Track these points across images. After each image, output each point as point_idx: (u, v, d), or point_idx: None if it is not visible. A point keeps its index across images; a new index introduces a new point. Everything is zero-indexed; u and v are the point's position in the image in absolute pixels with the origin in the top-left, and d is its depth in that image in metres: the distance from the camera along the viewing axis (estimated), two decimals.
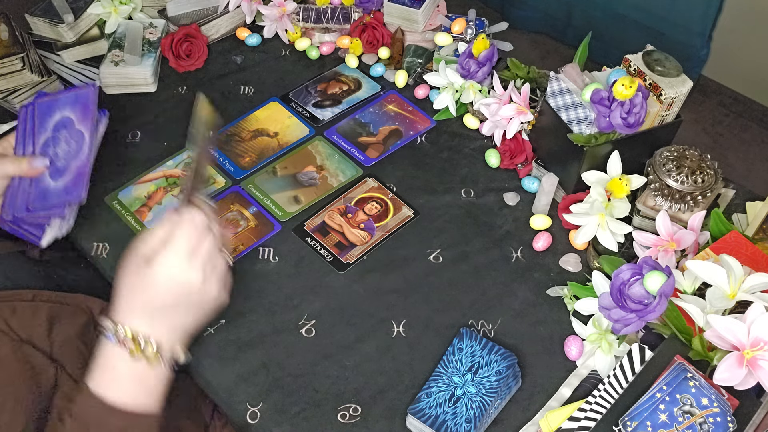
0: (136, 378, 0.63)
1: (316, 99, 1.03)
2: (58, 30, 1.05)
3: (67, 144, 0.82)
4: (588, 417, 0.65)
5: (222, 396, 0.74)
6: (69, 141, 0.82)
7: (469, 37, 1.02)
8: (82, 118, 0.83)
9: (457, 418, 0.67)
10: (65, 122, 0.83)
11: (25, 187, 0.81)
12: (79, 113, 0.83)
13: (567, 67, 0.88)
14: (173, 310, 0.65)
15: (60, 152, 0.82)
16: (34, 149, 0.83)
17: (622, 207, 0.78)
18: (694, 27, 1.76)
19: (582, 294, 0.74)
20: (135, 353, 0.63)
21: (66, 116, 0.84)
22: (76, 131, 0.83)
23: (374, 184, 0.92)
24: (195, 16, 1.09)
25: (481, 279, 0.83)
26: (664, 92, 0.81)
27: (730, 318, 0.57)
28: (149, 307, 0.64)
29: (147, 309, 0.64)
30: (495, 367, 0.70)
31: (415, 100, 1.03)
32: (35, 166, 0.81)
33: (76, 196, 0.79)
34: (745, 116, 1.92)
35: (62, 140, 0.83)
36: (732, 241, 0.73)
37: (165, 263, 0.63)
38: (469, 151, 0.97)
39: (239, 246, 0.85)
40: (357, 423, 0.72)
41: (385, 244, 0.86)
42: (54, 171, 0.82)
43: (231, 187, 0.92)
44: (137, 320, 0.64)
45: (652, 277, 0.63)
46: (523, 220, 0.89)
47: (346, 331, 0.78)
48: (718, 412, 0.58)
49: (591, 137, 0.83)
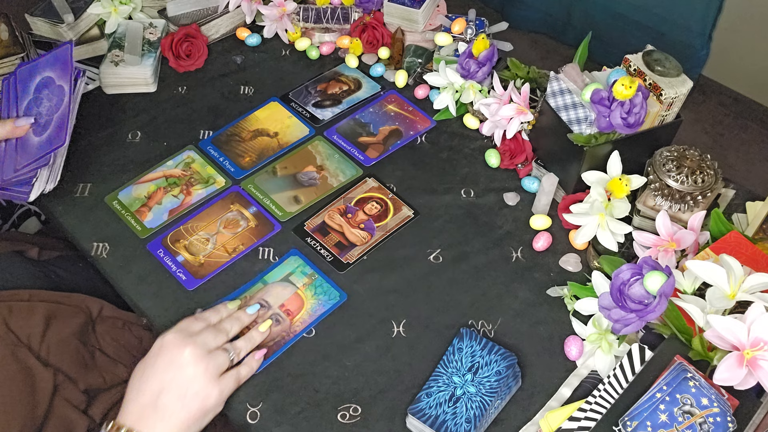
0: None
1: (316, 99, 1.03)
2: (58, 30, 1.05)
3: (49, 101, 0.84)
4: (588, 417, 0.65)
5: None
6: (51, 98, 0.84)
7: (469, 37, 1.02)
8: (62, 74, 0.85)
9: (457, 418, 0.67)
10: (46, 82, 0.86)
11: (11, 152, 0.83)
12: (59, 70, 0.86)
13: (567, 67, 0.88)
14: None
15: (43, 110, 0.84)
16: (18, 113, 0.86)
17: (622, 207, 0.78)
18: (694, 27, 1.76)
19: (582, 294, 0.74)
20: None
21: (47, 76, 0.86)
22: (57, 87, 0.85)
23: (374, 184, 0.92)
24: (195, 16, 1.09)
25: (481, 279, 0.83)
26: (664, 92, 0.81)
27: (730, 318, 0.57)
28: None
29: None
30: (495, 367, 0.70)
31: (415, 100, 1.03)
32: (19, 125, 0.82)
33: (59, 141, 0.81)
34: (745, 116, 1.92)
35: (44, 99, 0.85)
36: (732, 241, 0.73)
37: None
38: (469, 151, 0.97)
39: (239, 246, 0.85)
40: (357, 423, 0.72)
41: (385, 244, 0.86)
42: (37, 128, 0.84)
43: (231, 187, 0.92)
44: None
45: (652, 277, 0.63)
46: (523, 220, 0.89)
47: (346, 331, 0.78)
48: (718, 412, 0.58)
49: (591, 137, 0.83)
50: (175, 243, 0.86)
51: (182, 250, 0.85)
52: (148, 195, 0.91)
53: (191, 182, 0.92)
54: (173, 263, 0.84)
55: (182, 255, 0.84)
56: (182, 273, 0.83)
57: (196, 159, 0.95)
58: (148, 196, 0.91)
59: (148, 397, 0.65)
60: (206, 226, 0.87)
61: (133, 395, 0.66)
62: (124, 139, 0.98)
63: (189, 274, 0.83)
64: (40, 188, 0.85)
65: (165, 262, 0.84)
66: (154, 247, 0.85)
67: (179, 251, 0.85)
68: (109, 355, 0.78)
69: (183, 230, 0.87)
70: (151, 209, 0.89)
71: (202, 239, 0.86)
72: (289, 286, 0.82)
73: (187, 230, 0.87)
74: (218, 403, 0.68)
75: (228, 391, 0.69)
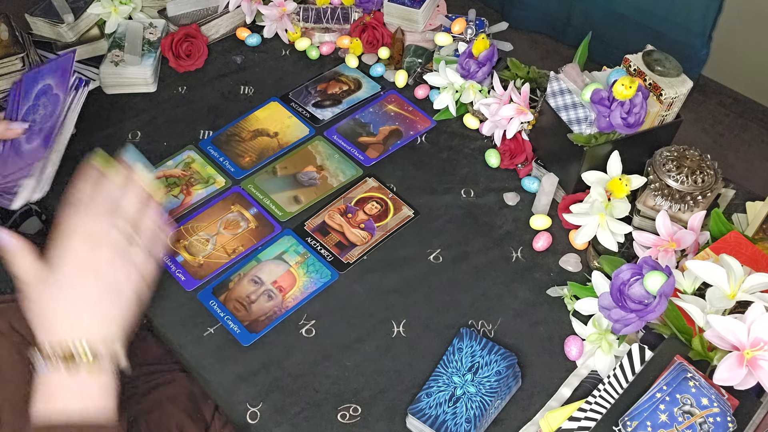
0: (79, 392, 0.57)
1: (316, 99, 1.03)
2: (58, 30, 1.05)
3: (44, 109, 0.85)
4: (588, 417, 0.65)
5: (222, 396, 0.74)
6: (46, 105, 0.85)
7: (469, 37, 1.02)
8: (60, 83, 0.86)
9: (457, 418, 0.67)
10: (45, 89, 0.86)
11: (4, 156, 0.84)
12: (59, 78, 0.86)
13: (567, 67, 0.88)
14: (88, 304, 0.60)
15: (38, 118, 0.85)
16: (17, 118, 0.86)
17: (622, 207, 0.78)
18: (694, 27, 1.76)
19: (582, 294, 0.74)
20: (71, 364, 0.57)
21: (47, 83, 0.87)
22: (54, 95, 0.85)
23: (374, 184, 0.92)
24: (195, 16, 1.09)
25: (481, 279, 0.83)
26: (664, 92, 0.81)
27: (730, 318, 0.57)
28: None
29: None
30: (495, 367, 0.70)
31: (415, 100, 1.03)
32: (12, 128, 0.83)
33: (40, 153, 0.82)
34: (745, 116, 1.92)
35: (41, 106, 0.85)
36: (732, 241, 0.73)
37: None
38: (469, 151, 0.97)
39: (239, 247, 0.85)
40: (357, 423, 0.72)
41: (385, 244, 0.86)
42: (30, 134, 0.84)
43: (232, 187, 0.92)
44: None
45: (652, 277, 0.63)
46: (523, 220, 0.89)
47: (346, 331, 0.78)
48: (718, 412, 0.58)
49: (591, 137, 0.83)
50: (174, 243, 0.86)
51: (182, 250, 0.85)
52: None
53: (191, 182, 0.92)
54: (173, 263, 0.84)
55: (182, 255, 0.84)
56: (181, 273, 0.83)
57: (196, 159, 0.95)
58: None
59: None
60: (206, 226, 0.87)
61: None
62: (124, 139, 0.98)
63: (188, 275, 0.83)
64: (26, 197, 0.83)
65: (164, 263, 0.84)
66: None
67: (179, 251, 0.85)
68: None
69: (183, 230, 0.87)
70: None
71: (202, 240, 0.86)
72: (282, 264, 0.83)
73: (187, 230, 0.87)
74: None
75: None
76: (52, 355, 0.57)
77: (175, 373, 0.78)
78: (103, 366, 0.58)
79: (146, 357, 0.79)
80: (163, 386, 0.75)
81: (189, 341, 0.77)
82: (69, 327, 0.58)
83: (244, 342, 0.77)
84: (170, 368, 0.79)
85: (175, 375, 0.78)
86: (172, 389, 0.76)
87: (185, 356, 0.77)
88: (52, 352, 0.57)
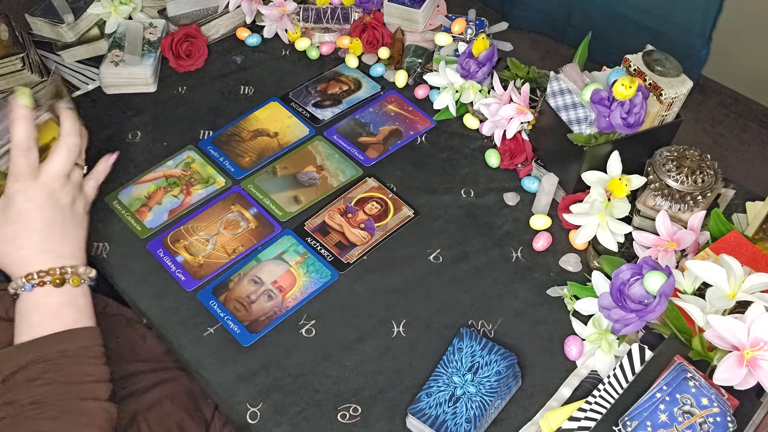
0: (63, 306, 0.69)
1: (316, 99, 1.03)
2: (58, 30, 1.05)
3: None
4: (588, 417, 0.65)
5: (222, 396, 0.74)
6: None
7: (469, 37, 1.02)
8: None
9: (457, 418, 0.67)
10: None
11: None
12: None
13: (567, 67, 0.88)
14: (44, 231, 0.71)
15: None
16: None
17: (622, 207, 0.78)
18: (694, 27, 1.76)
19: (582, 294, 0.74)
20: (54, 281, 0.69)
21: None
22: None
23: (374, 184, 0.92)
24: (195, 16, 1.09)
25: (481, 279, 0.83)
26: (664, 92, 0.81)
27: (730, 318, 0.57)
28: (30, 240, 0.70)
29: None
30: (495, 367, 0.70)
31: (415, 100, 1.03)
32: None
33: None
34: (745, 116, 1.92)
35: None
36: (732, 241, 0.73)
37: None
38: (469, 151, 0.97)
39: (239, 247, 0.85)
40: (357, 423, 0.72)
41: (385, 244, 0.86)
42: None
43: (232, 187, 0.92)
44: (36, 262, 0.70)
45: (652, 277, 0.63)
46: (523, 220, 0.89)
47: (346, 331, 0.78)
48: (718, 412, 0.58)
49: (591, 137, 0.83)
50: (175, 243, 0.86)
51: (182, 250, 0.85)
52: (148, 195, 0.91)
53: (191, 182, 0.92)
54: (173, 263, 0.84)
55: (182, 255, 0.84)
56: (181, 273, 0.83)
57: (196, 159, 0.95)
58: (148, 196, 0.91)
59: None
60: (206, 226, 0.88)
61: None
62: (124, 139, 0.98)
63: (188, 275, 0.83)
64: None
65: (165, 263, 0.84)
66: (154, 247, 0.85)
67: (179, 251, 0.85)
68: (114, 351, 0.78)
69: (183, 230, 0.87)
70: (151, 209, 0.89)
71: (202, 240, 0.86)
72: (282, 264, 0.83)
73: (187, 230, 0.87)
74: None
75: None
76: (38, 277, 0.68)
77: (175, 372, 0.78)
78: (82, 277, 0.71)
79: (146, 355, 0.78)
80: (162, 384, 0.75)
81: (189, 341, 0.77)
82: (46, 253, 0.70)
83: (244, 342, 0.77)
84: (170, 366, 0.79)
85: (175, 373, 0.78)
86: (172, 387, 0.76)
87: (185, 356, 0.77)
88: (39, 277, 0.68)
